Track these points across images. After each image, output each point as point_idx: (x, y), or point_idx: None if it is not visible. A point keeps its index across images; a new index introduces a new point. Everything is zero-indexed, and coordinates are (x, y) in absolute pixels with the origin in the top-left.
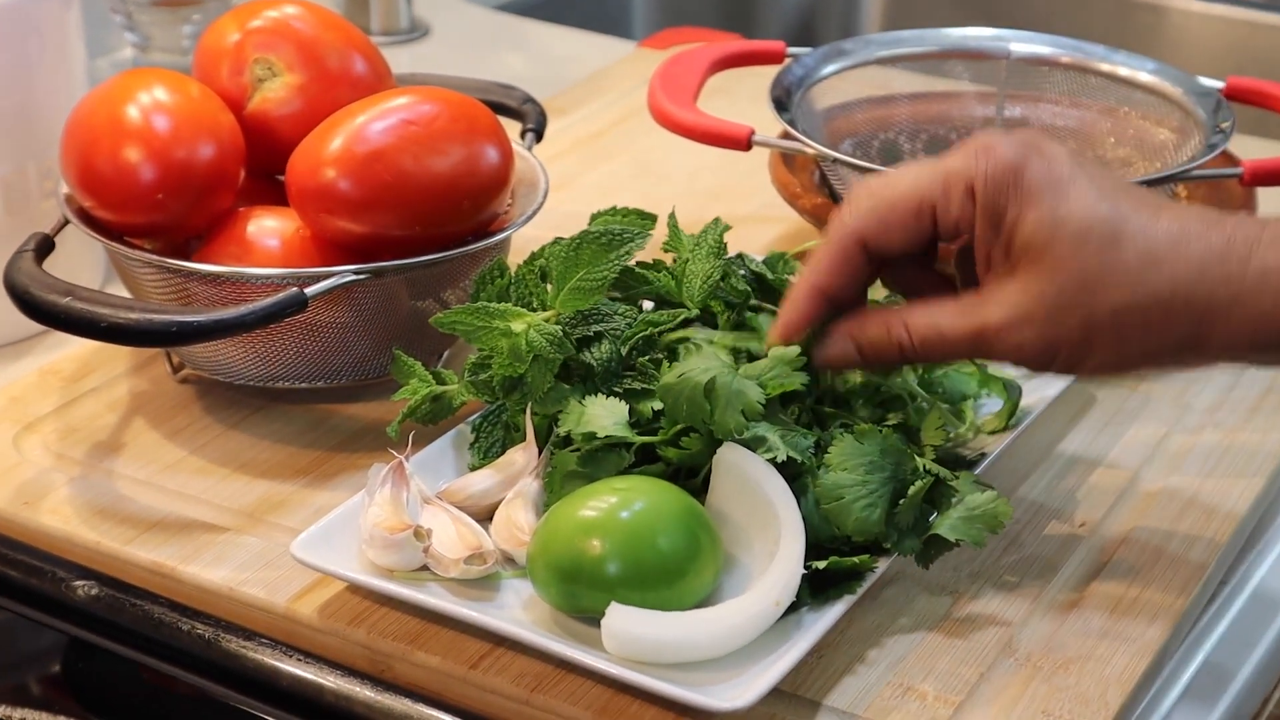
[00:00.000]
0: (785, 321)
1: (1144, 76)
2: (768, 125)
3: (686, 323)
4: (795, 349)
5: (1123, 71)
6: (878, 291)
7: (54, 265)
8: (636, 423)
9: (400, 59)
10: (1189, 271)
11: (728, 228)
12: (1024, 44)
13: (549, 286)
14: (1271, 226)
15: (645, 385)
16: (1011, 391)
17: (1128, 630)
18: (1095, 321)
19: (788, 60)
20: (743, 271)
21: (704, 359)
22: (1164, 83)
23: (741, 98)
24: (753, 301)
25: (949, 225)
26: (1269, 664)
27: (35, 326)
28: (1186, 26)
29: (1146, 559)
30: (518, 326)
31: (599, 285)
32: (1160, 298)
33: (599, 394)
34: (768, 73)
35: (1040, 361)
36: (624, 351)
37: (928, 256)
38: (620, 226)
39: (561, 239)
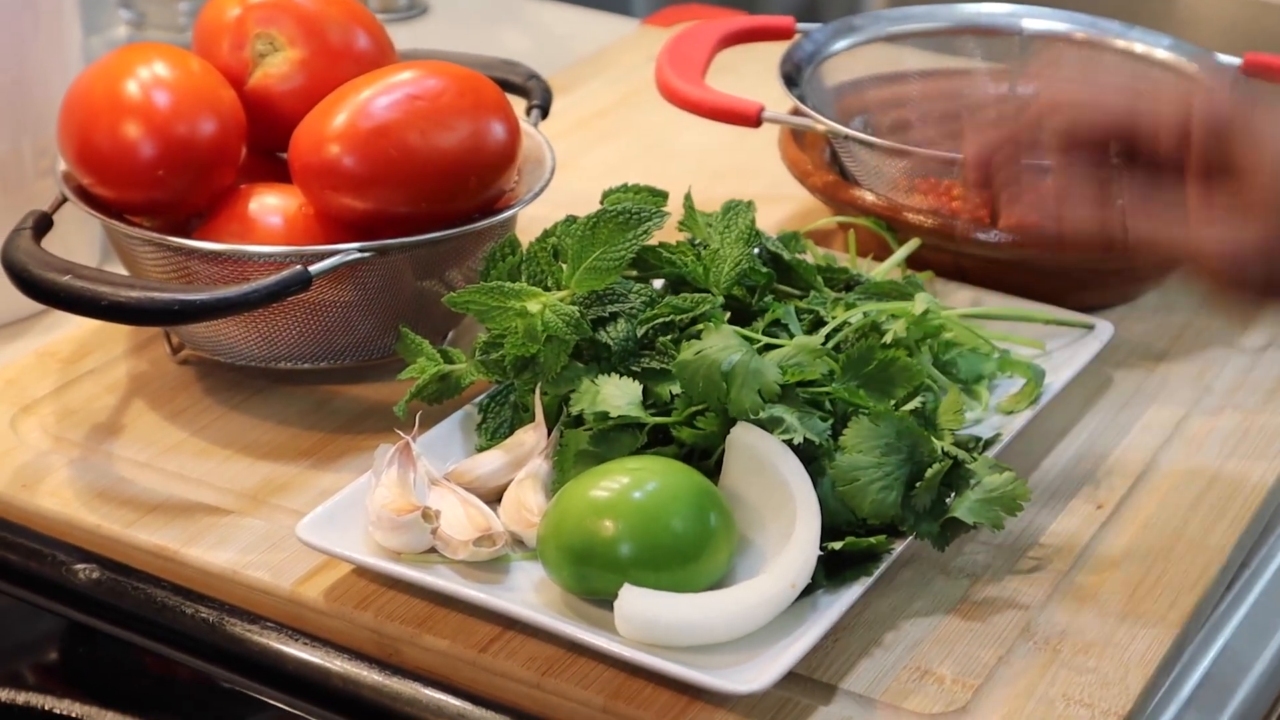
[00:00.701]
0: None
1: (1160, 53)
2: (775, 104)
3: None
4: (819, 338)
5: (1139, 48)
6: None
7: (49, 244)
8: (653, 404)
9: (399, 37)
10: None
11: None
12: (1038, 20)
13: (562, 265)
14: None
15: (664, 365)
16: (1035, 374)
17: (1148, 613)
18: None
19: (797, 36)
20: (758, 250)
21: (723, 338)
22: (1181, 59)
23: (748, 76)
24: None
25: (1148, 139)
26: None
27: (32, 307)
28: (1197, 7)
29: (1166, 542)
30: (533, 307)
31: (616, 265)
32: None
33: (613, 373)
34: (774, 52)
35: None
36: (640, 332)
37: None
38: (637, 205)
39: (574, 217)
